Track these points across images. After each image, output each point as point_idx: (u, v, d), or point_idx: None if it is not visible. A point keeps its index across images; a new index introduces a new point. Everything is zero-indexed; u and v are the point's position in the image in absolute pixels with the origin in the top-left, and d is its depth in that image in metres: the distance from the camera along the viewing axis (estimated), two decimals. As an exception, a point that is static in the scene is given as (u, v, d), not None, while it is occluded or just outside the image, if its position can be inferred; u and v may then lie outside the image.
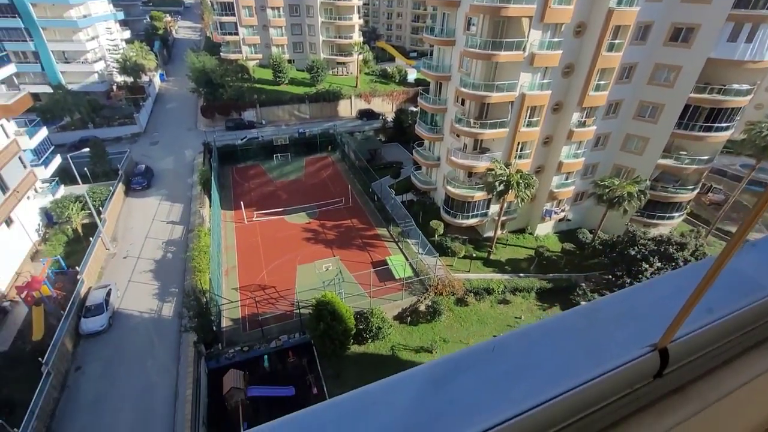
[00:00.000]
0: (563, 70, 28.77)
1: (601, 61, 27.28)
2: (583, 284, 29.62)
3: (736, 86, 27.99)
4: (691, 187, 32.60)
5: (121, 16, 65.62)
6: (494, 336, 26.44)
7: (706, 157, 30.95)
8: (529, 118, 29.68)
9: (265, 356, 23.21)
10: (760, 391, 0.92)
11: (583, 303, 28.66)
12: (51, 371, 20.28)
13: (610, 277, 29.63)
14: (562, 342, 0.96)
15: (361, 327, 24.18)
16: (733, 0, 24.77)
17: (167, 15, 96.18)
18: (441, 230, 32.70)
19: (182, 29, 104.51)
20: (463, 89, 29.28)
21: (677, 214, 34.00)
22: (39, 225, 31.99)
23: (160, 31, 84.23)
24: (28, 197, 30.90)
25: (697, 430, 0.86)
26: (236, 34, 64.34)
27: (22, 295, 24.73)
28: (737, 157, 46.26)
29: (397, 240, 32.91)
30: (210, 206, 34.80)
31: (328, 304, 21.87)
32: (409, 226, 33.44)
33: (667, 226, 34.16)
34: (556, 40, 26.97)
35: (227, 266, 29.91)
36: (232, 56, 65.34)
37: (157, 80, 66.42)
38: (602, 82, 28.71)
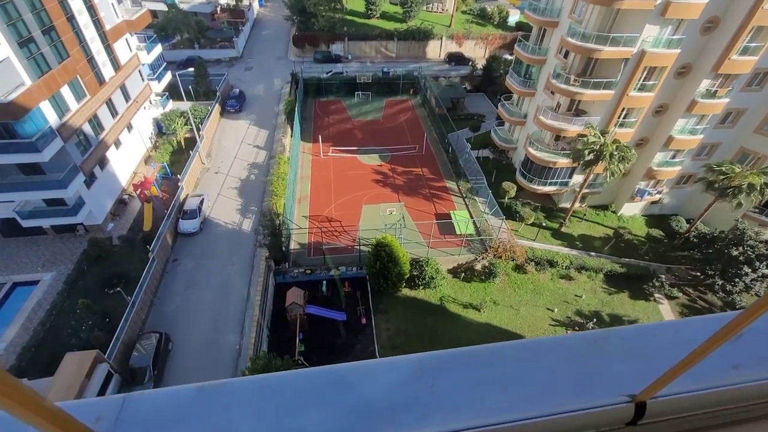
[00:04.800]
0: (704, 25, 23.76)
1: (761, 15, 21.93)
2: (663, 276, 27.00)
3: None
4: (840, 188, 26.54)
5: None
6: (548, 309, 25.84)
7: None
8: (643, 80, 25.64)
9: (324, 282, 25.44)
10: None
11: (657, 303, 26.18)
12: (155, 258, 24.49)
13: (699, 274, 26.56)
14: (556, 364, 0.98)
15: (415, 273, 25.08)
16: None
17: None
18: (512, 193, 31.19)
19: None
20: (570, 39, 25.80)
21: (809, 218, 28.32)
22: (151, 133, 36.64)
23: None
24: (144, 107, 35.20)
25: None
26: (334, -42, 61.91)
27: (137, 192, 29.36)
28: None
29: (464, 196, 32.23)
30: (291, 136, 36.71)
31: (387, 246, 22.82)
32: (479, 183, 32.34)
33: (791, 230, 28.79)
34: (704, -15, 22.04)
35: (300, 195, 32.07)
36: (328, -17, 63.71)
37: (255, 5, 67.92)
38: (753, 44, 23.35)
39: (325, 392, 0.89)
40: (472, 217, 29.70)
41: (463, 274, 27.21)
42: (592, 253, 28.98)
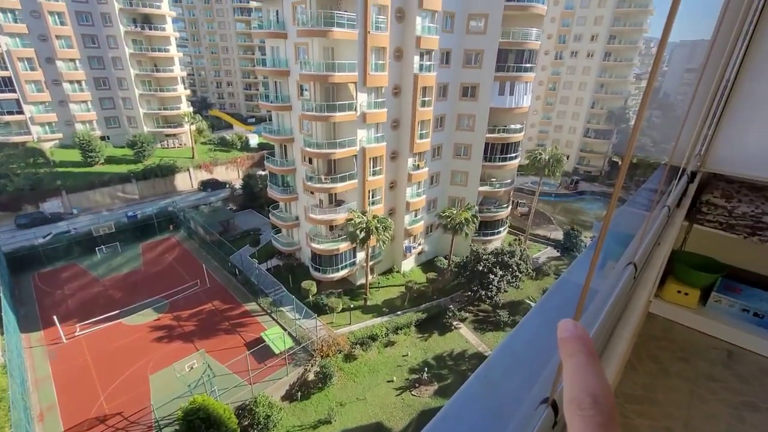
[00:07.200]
0: (392, 124, 32.95)
1: (418, 114, 32.40)
2: (451, 306, 32.66)
3: (512, 126, 36.99)
4: (505, 205, 40.54)
5: None
6: (388, 381, 26.33)
7: (509, 181, 39.29)
8: (373, 167, 32.53)
9: None
10: None
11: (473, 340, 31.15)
12: None
13: (470, 293, 33.57)
14: (473, 417, 0.95)
15: (246, 423, 20.87)
16: (494, 65, 33.27)
17: None
18: (314, 289, 31.79)
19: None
20: (308, 149, 30.35)
21: (502, 229, 41.54)
22: None
23: None
24: None
25: None
26: (20, 113, 52.58)
27: None
28: (527, 177, 60.15)
29: (269, 311, 30.38)
30: (2, 333, 25.75)
31: (200, 410, 18.32)
32: (279, 293, 31.46)
33: (498, 240, 41.26)
34: (380, 100, 30.92)
35: (41, 407, 22.17)
36: (17, 139, 52.83)
37: None
38: (424, 131, 33.93)
39: None
40: (285, 330, 28.05)
41: (299, 393, 24.62)
42: (399, 313, 32.27)
